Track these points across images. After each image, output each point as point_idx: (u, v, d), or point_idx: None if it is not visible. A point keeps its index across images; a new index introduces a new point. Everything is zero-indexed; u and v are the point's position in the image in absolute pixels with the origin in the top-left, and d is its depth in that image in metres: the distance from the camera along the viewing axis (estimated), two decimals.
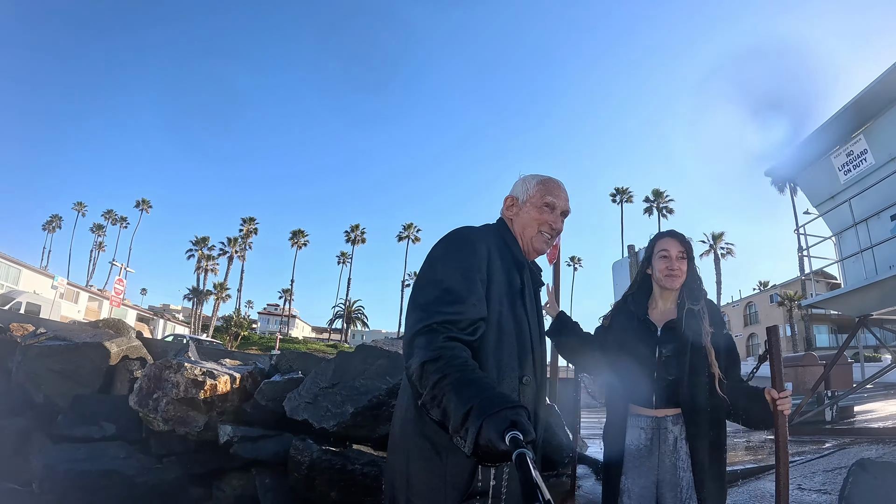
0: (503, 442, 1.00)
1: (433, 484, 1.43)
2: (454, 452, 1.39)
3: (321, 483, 3.66)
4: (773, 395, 1.94)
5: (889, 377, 11.78)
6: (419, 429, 1.47)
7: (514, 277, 1.71)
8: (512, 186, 1.93)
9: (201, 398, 4.16)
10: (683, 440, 2.02)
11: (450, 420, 1.17)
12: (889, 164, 7.04)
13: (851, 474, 3.08)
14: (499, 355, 1.57)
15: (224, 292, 62.48)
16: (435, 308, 1.44)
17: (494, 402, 1.10)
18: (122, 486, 3.88)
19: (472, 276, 1.55)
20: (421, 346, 1.34)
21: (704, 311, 2.14)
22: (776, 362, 1.97)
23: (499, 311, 1.60)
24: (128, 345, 5.46)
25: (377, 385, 3.99)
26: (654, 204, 58.46)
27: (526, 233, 1.83)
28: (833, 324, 45.18)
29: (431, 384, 1.25)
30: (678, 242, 2.25)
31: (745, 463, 5.39)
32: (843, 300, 8.02)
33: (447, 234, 1.68)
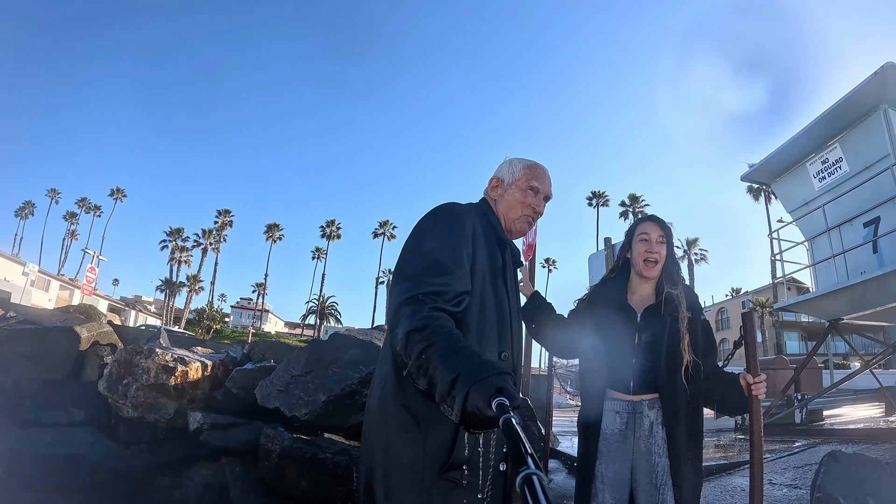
0: (490, 408, 0.99)
1: (413, 454, 1.42)
2: (434, 423, 1.39)
3: (291, 472, 3.61)
4: (748, 380, 1.95)
5: (857, 383, 12.03)
6: (399, 400, 1.46)
7: (497, 255, 1.73)
8: (497, 168, 1.94)
9: (172, 385, 4.09)
10: (660, 425, 2.01)
11: (436, 388, 1.16)
12: (863, 172, 7.18)
13: (824, 465, 3.13)
14: (480, 330, 1.57)
15: (197, 284, 61.77)
16: (421, 278, 1.44)
17: (481, 369, 1.10)
18: (89, 471, 3.79)
19: (459, 250, 1.55)
20: (407, 316, 1.33)
21: (682, 295, 2.14)
22: (751, 347, 1.98)
23: (481, 286, 1.60)
24: (98, 330, 5.35)
25: (350, 374, 3.95)
26: (630, 208, 58.88)
27: (510, 214, 1.85)
28: (803, 331, 46.07)
29: (417, 353, 1.24)
30: (658, 226, 2.25)
31: (717, 459, 5.48)
32: (815, 304, 8.15)
33: (435, 208, 1.68)
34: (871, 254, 7.04)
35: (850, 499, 2.85)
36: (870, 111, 7.04)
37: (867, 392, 12.65)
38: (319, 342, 4.27)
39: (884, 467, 3.00)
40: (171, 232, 62.77)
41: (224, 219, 66.17)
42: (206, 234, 64.12)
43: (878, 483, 2.91)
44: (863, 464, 3.05)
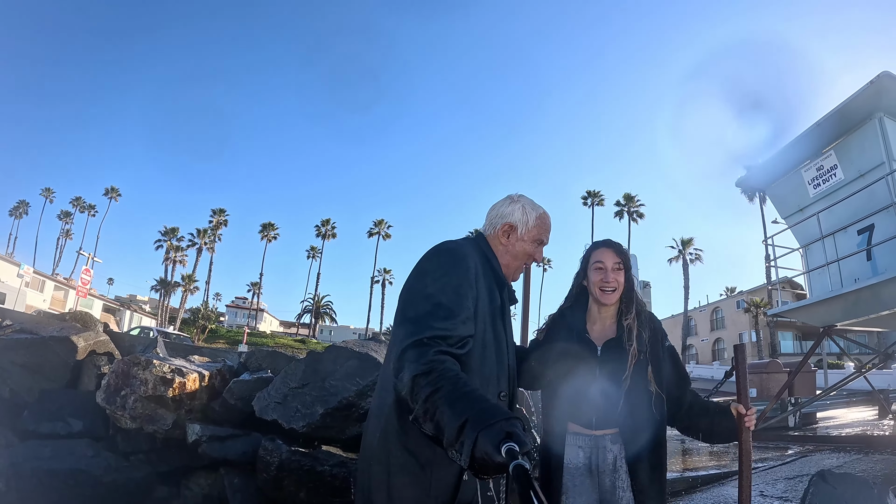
0: (499, 454, 1.00)
1: (416, 497, 1.44)
2: (438, 466, 1.41)
3: (290, 484, 3.63)
4: (740, 411, 1.97)
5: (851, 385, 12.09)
6: (402, 443, 1.47)
7: (496, 295, 1.74)
8: (506, 207, 1.91)
9: (170, 396, 4.09)
10: (623, 459, 1.97)
11: (444, 433, 1.16)
12: (858, 180, 7.23)
13: (812, 485, 3.16)
14: (482, 372, 1.59)
15: (192, 284, 61.62)
16: (426, 322, 1.44)
17: (489, 414, 1.10)
18: (89, 485, 3.81)
19: (464, 293, 1.56)
20: (412, 360, 1.34)
21: (644, 325, 2.08)
22: (742, 379, 2.00)
23: (483, 328, 1.62)
24: (95, 339, 5.35)
25: (347, 386, 3.96)
26: (625, 208, 58.77)
27: (514, 263, 1.87)
28: (798, 331, 46.23)
29: (424, 398, 1.24)
30: (614, 253, 2.15)
31: (709, 468, 5.50)
32: (809, 311, 8.20)
33: (437, 248, 1.70)
34: (865, 261, 7.08)
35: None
36: (865, 119, 7.09)
37: (860, 394, 12.72)
38: (316, 354, 4.28)
39: (871, 488, 3.03)
40: (166, 231, 62.65)
41: (219, 218, 65.96)
42: (201, 234, 63.91)
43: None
44: (851, 484, 3.08)
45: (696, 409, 2.10)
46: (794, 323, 44.94)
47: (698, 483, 4.77)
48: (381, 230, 68.87)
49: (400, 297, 1.62)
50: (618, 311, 2.15)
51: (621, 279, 2.12)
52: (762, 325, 46.67)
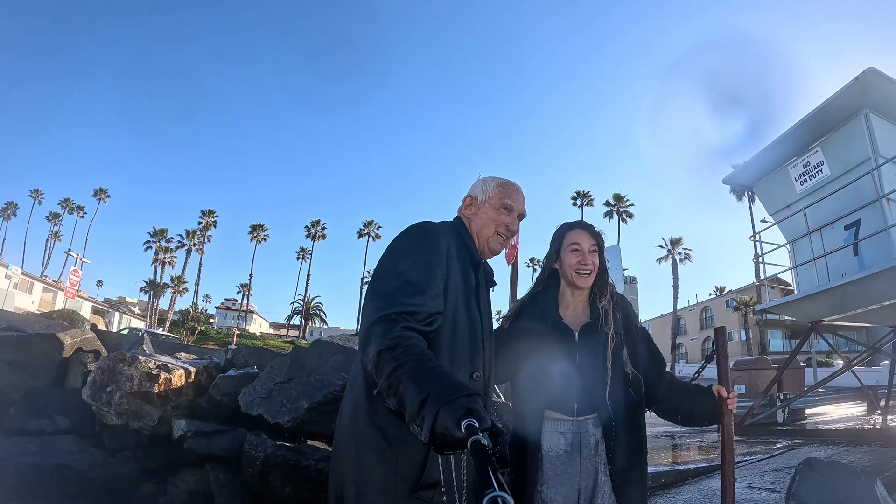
0: (459, 429, 1.01)
1: (385, 474, 1.43)
2: (406, 443, 1.41)
3: (275, 479, 3.61)
4: (721, 393, 1.96)
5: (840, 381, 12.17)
6: (371, 420, 1.47)
7: (470, 275, 1.74)
8: (471, 186, 1.96)
9: (155, 392, 4.07)
10: (603, 442, 1.94)
11: (406, 408, 1.17)
12: (844, 175, 7.28)
13: (799, 472, 3.17)
14: (452, 350, 1.59)
15: (181, 286, 61.49)
16: (394, 298, 1.45)
17: (451, 390, 1.11)
18: (75, 480, 3.77)
19: (433, 270, 1.57)
20: (378, 335, 1.34)
21: (618, 307, 2.06)
22: (723, 362, 2.01)
23: (454, 307, 1.62)
24: (82, 336, 5.31)
25: (332, 380, 3.96)
26: (615, 208, 58.98)
27: (483, 232, 1.87)
28: (787, 329, 46.59)
29: (388, 372, 1.25)
30: (590, 235, 2.11)
31: (698, 462, 5.54)
32: (796, 306, 8.25)
33: (409, 227, 1.71)
34: (851, 256, 7.13)
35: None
36: (851, 115, 7.14)
37: (849, 390, 12.83)
38: (301, 349, 4.27)
39: (858, 475, 3.03)
40: (154, 233, 62.45)
41: (208, 219, 65.82)
42: (191, 235, 63.76)
43: (852, 492, 2.94)
44: (838, 472, 3.09)
45: (676, 391, 2.08)
46: (783, 321, 45.30)
47: (688, 476, 4.81)
48: (371, 231, 68.87)
49: (372, 275, 1.63)
50: (590, 294, 2.11)
51: (597, 261, 2.08)
52: (752, 323, 47.03)
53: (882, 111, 7.08)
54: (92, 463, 3.94)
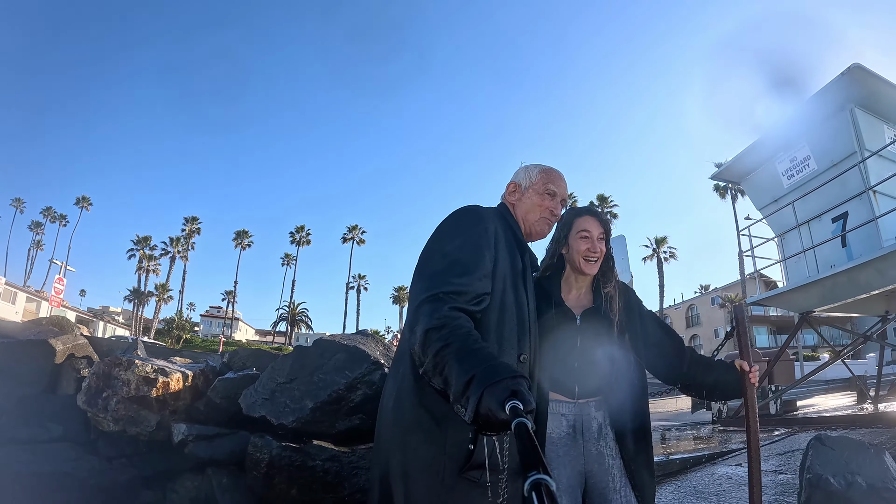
0: (503, 411, 1.00)
1: (432, 454, 1.42)
2: (454, 423, 1.39)
3: (281, 481, 3.57)
4: (744, 367, 1.99)
5: (828, 374, 12.34)
6: (417, 399, 1.46)
7: (517, 259, 1.75)
8: (514, 173, 2.00)
9: (153, 396, 4.01)
10: (608, 426, 1.96)
11: (451, 388, 1.17)
12: (831, 169, 7.40)
13: (811, 448, 3.23)
14: (500, 332, 1.58)
15: (166, 293, 60.97)
16: (442, 277, 1.45)
17: (496, 371, 1.10)
18: (74, 488, 3.70)
19: (481, 251, 1.57)
20: (426, 314, 1.34)
21: (621, 294, 2.08)
22: (743, 338, 2.03)
23: (502, 289, 1.62)
24: (73, 342, 5.21)
25: (336, 379, 3.92)
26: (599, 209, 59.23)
27: (529, 217, 1.90)
28: (772, 325, 47.18)
29: (434, 352, 1.24)
30: (599, 223, 2.12)
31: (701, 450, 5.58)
32: (786, 297, 8.36)
33: (457, 210, 1.72)
34: (839, 248, 7.26)
35: (839, 478, 2.94)
36: (837, 110, 7.25)
37: (838, 382, 13.00)
38: (303, 348, 4.24)
39: (867, 448, 3.12)
40: (138, 240, 61.84)
41: (191, 226, 65.40)
42: (174, 242, 63.33)
43: (864, 463, 3.02)
44: (847, 446, 3.16)
45: (700, 367, 2.08)
46: (768, 317, 45.90)
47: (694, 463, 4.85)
48: (356, 236, 68.58)
49: (419, 257, 1.62)
50: (593, 280, 2.13)
51: (604, 248, 2.09)
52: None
53: (867, 106, 7.20)
54: (90, 470, 3.87)
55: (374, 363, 3.97)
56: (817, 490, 2.97)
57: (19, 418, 4.27)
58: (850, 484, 2.91)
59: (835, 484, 2.92)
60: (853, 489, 2.88)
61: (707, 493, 4.02)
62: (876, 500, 2.85)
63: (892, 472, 2.99)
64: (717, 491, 4.05)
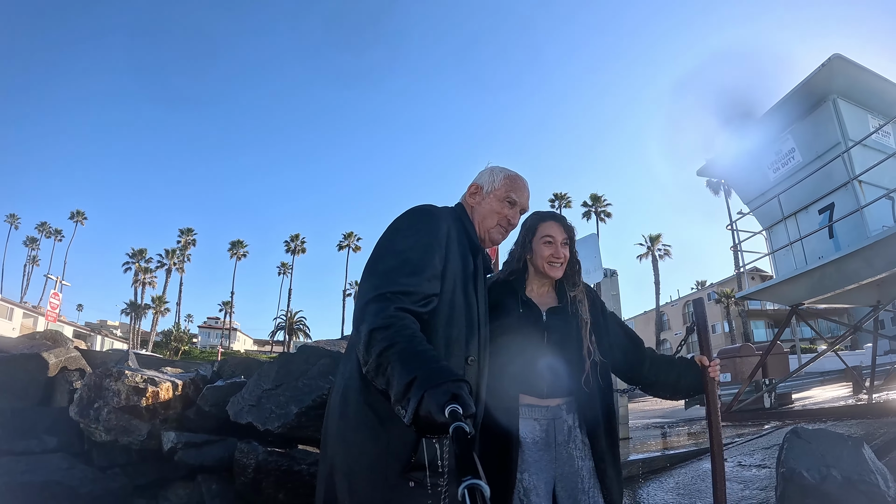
0: (442, 414, 1.01)
1: (376, 452, 1.42)
2: (398, 423, 1.39)
3: (268, 485, 3.60)
4: (704, 363, 2.00)
5: (825, 365, 12.35)
6: (363, 398, 1.46)
7: (469, 260, 1.75)
8: (478, 174, 1.96)
9: (143, 406, 4.04)
10: (577, 428, 1.94)
11: (392, 389, 1.18)
12: (815, 161, 7.41)
13: (786, 441, 3.24)
14: (448, 332, 1.59)
15: (163, 306, 60.63)
16: (391, 277, 1.46)
17: (438, 374, 1.12)
18: (66, 497, 3.72)
19: (431, 252, 1.57)
20: (372, 313, 1.35)
21: (584, 295, 2.08)
22: (703, 332, 2.05)
23: (452, 289, 1.62)
24: (66, 356, 5.24)
25: (320, 384, 3.95)
26: (592, 208, 59.01)
27: (485, 223, 1.88)
28: (769, 318, 47.16)
29: (378, 352, 1.25)
30: (562, 228, 2.11)
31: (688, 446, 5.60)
32: (776, 290, 8.37)
33: (411, 208, 1.71)
34: (827, 239, 7.27)
35: (813, 472, 2.95)
36: (819, 102, 7.27)
37: (834, 373, 12.99)
38: (288, 355, 4.27)
39: (845, 440, 3.11)
40: (133, 253, 61.54)
41: (187, 238, 65.17)
42: (170, 255, 63.06)
43: (840, 455, 3.02)
44: (824, 438, 3.16)
45: (661, 365, 2.10)
46: (765, 311, 45.91)
47: (678, 460, 4.87)
48: (351, 243, 68.22)
49: (371, 253, 1.62)
50: (556, 283, 2.13)
51: (568, 253, 2.09)
52: (734, 315, 47.57)
53: (849, 96, 7.22)
54: (82, 479, 3.89)
55: None
56: (791, 484, 2.99)
57: (14, 431, 4.30)
58: (824, 477, 2.91)
59: (808, 477, 2.93)
60: (828, 482, 2.89)
61: (691, 490, 4.03)
62: (852, 492, 2.85)
63: (869, 465, 2.99)
64: (700, 487, 4.06)
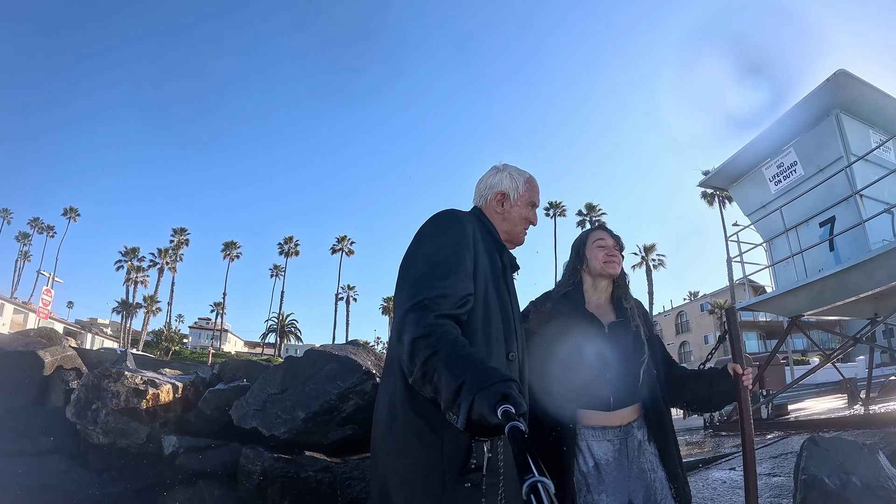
0: (495, 415, 1.00)
1: (430, 460, 1.40)
2: (450, 428, 1.37)
3: (273, 492, 3.53)
4: (737, 371, 1.99)
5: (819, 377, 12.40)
6: (411, 407, 1.44)
7: (496, 258, 1.75)
8: (494, 177, 1.94)
9: (143, 408, 3.97)
10: (647, 441, 1.96)
11: (441, 396, 1.16)
12: (817, 174, 7.46)
13: (805, 449, 3.27)
14: (487, 331, 1.57)
15: (154, 305, 60.37)
16: (426, 282, 1.45)
17: (486, 376, 1.10)
18: (65, 501, 3.66)
19: (461, 251, 1.56)
20: (412, 323, 1.33)
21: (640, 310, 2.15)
22: (735, 342, 2.03)
23: (485, 288, 1.61)
24: (62, 354, 5.15)
25: (328, 389, 3.89)
26: (587, 217, 59.32)
27: (514, 229, 1.90)
28: (761, 330, 47.42)
29: (423, 361, 1.24)
30: (611, 235, 2.23)
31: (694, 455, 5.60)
32: (776, 302, 8.40)
33: (435, 214, 1.71)
34: (827, 252, 7.31)
35: (833, 478, 2.97)
36: (823, 116, 7.31)
37: (828, 385, 13.06)
38: (295, 359, 4.21)
39: (861, 448, 3.15)
40: (126, 252, 61.20)
41: (180, 237, 64.92)
42: (163, 254, 62.75)
43: (858, 462, 3.05)
44: (841, 446, 3.19)
45: (691, 381, 2.12)
46: (757, 323, 46.14)
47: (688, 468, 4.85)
48: (344, 246, 68.10)
49: (401, 263, 1.61)
50: (612, 294, 2.19)
51: (622, 258, 2.18)
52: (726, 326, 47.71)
53: (852, 111, 7.27)
54: (80, 483, 3.83)
55: (366, 373, 3.94)
56: (812, 490, 3.00)
57: (7, 430, 4.22)
58: (845, 483, 2.94)
59: (830, 484, 2.95)
60: (848, 488, 2.91)
61: (701, 498, 4.03)
62: (871, 498, 2.88)
63: (886, 471, 3.02)
64: (711, 496, 4.06)
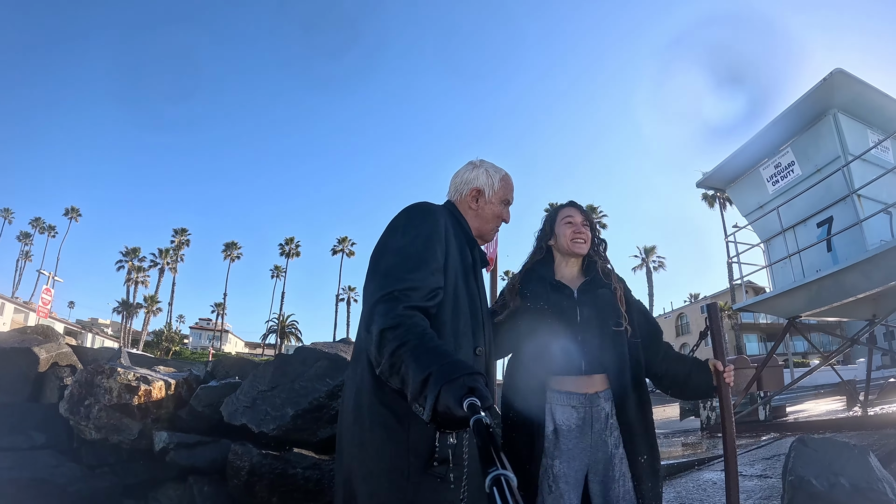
0: (461, 408, 1.00)
1: (396, 451, 1.40)
2: (416, 420, 1.37)
3: (262, 489, 3.53)
4: (718, 367, 1.98)
5: (818, 379, 12.38)
6: (378, 398, 1.44)
7: (467, 253, 1.76)
8: (470, 173, 1.94)
9: (135, 404, 3.97)
10: (614, 416, 1.93)
11: (408, 387, 1.17)
12: (815, 174, 7.45)
13: (793, 449, 3.25)
14: (455, 325, 1.58)
15: (155, 306, 60.43)
16: (396, 274, 1.45)
17: (452, 369, 1.10)
18: (54, 495, 3.65)
19: (432, 245, 1.57)
20: (381, 314, 1.34)
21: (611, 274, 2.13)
22: (717, 337, 2.02)
23: (454, 282, 1.62)
24: (57, 351, 5.16)
25: (317, 387, 3.90)
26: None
27: (486, 226, 1.91)
28: (762, 332, 47.35)
29: (390, 352, 1.24)
30: (580, 211, 2.22)
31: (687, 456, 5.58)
32: (773, 303, 8.39)
33: (408, 206, 1.71)
34: (825, 252, 7.29)
35: (821, 479, 2.95)
36: (820, 116, 7.31)
37: (827, 387, 13.04)
38: (285, 356, 4.21)
39: (851, 449, 3.13)
40: (127, 252, 61.25)
41: (181, 238, 64.98)
42: (163, 254, 62.84)
43: (847, 464, 3.03)
44: (830, 446, 3.18)
45: (673, 359, 2.10)
46: (758, 324, 46.09)
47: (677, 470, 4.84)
48: (345, 247, 67.98)
49: (372, 253, 1.61)
50: (583, 263, 2.19)
51: (589, 235, 2.17)
52: (727, 328, 47.69)
53: (849, 111, 7.26)
54: (71, 478, 3.82)
55: None
56: (799, 492, 2.98)
57: (2, 426, 4.22)
58: (832, 485, 2.92)
59: (817, 485, 2.93)
60: (836, 490, 2.89)
61: (691, 499, 4.01)
62: (860, 500, 2.86)
63: (876, 473, 3.00)
64: (701, 497, 4.04)
